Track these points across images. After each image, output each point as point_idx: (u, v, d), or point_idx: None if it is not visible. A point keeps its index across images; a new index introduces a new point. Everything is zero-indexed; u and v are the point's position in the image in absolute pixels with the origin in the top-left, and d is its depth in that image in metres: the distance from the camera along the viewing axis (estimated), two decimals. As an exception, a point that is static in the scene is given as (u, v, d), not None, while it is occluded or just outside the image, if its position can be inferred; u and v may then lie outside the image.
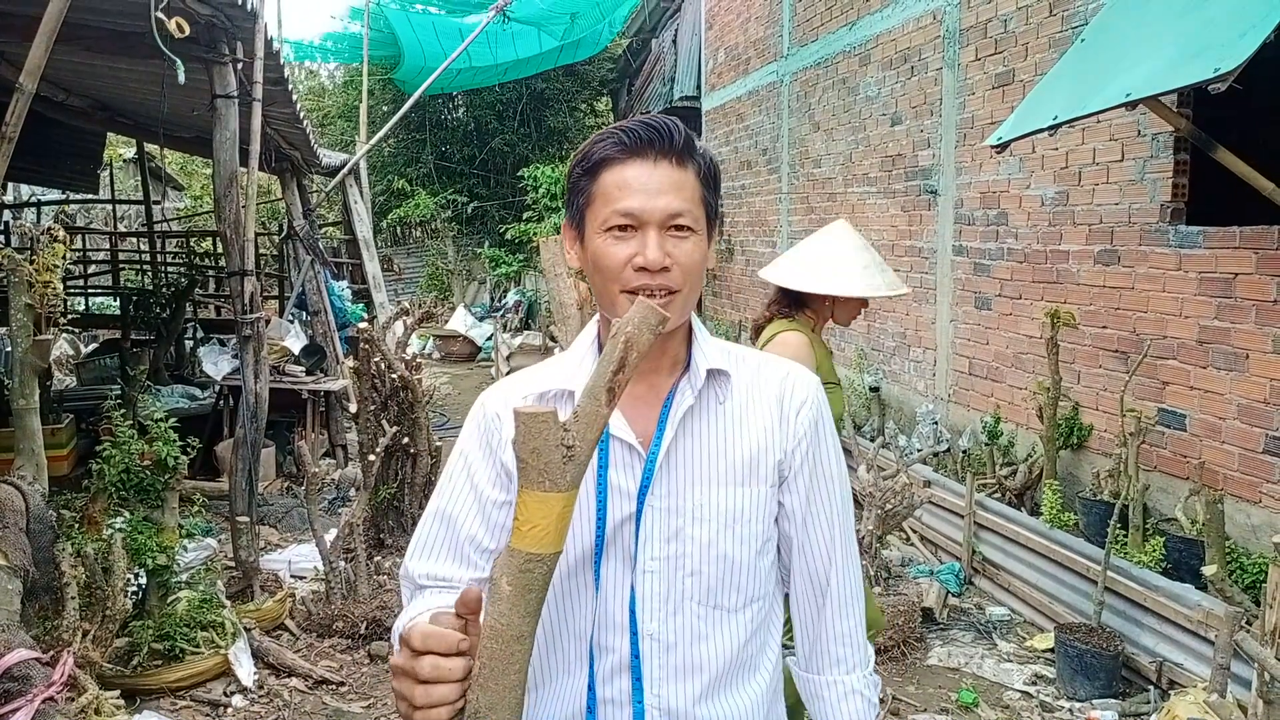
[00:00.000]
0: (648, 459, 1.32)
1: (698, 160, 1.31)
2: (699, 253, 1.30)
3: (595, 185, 1.30)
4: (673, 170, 1.29)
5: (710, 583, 1.33)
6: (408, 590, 1.40)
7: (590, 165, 1.31)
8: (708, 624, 1.34)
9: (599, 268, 1.30)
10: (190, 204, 20.07)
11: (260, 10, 4.56)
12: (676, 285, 1.28)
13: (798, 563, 1.41)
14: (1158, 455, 4.80)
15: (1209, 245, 4.49)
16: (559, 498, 1.03)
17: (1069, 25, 5.43)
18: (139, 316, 8.74)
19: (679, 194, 1.28)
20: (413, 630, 1.03)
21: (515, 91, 18.03)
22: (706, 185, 1.32)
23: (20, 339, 3.45)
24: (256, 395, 4.76)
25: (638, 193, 1.27)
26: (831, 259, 3.07)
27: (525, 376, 1.42)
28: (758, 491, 1.34)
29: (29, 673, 2.48)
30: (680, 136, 1.29)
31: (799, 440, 1.36)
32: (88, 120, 7.10)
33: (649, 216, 1.27)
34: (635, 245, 1.27)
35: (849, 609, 1.43)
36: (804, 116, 9.49)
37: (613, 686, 1.33)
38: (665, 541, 1.32)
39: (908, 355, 7.45)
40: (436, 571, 1.35)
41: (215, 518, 5.85)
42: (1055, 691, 4.05)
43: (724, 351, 1.38)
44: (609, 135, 1.30)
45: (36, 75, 2.91)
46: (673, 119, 1.31)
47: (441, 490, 1.39)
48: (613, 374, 1.05)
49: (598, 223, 1.30)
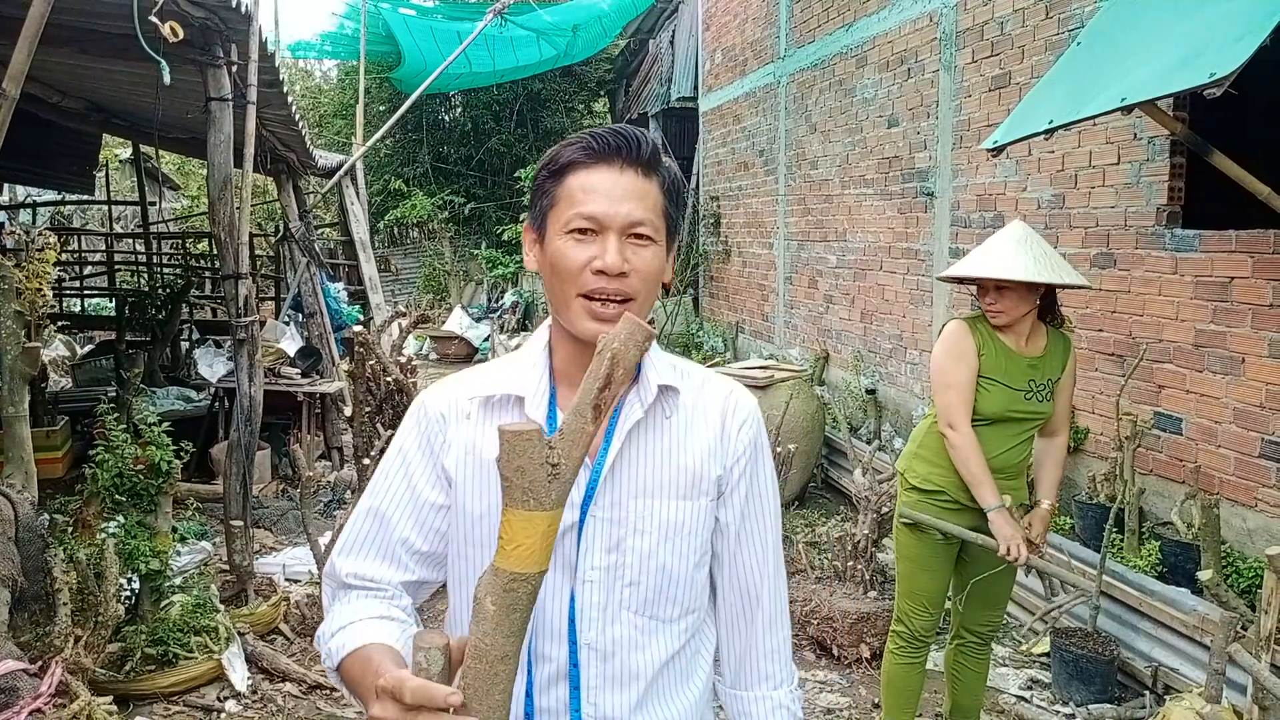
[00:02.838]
0: (593, 470, 1.33)
1: (663, 173, 1.33)
2: (657, 262, 1.32)
3: (560, 188, 1.31)
4: (638, 179, 1.30)
5: (648, 593, 1.35)
6: (330, 588, 1.39)
7: (557, 168, 1.32)
8: (644, 634, 1.36)
9: (557, 269, 1.31)
10: (187, 205, 20.03)
11: (255, 13, 4.54)
12: (633, 292, 1.30)
13: (729, 578, 1.44)
14: (1154, 459, 4.80)
15: (1205, 249, 4.49)
16: (544, 516, 1.02)
17: (1065, 28, 5.42)
18: (135, 318, 8.73)
19: (642, 202, 1.30)
20: (403, 685, 1.02)
21: (512, 92, 18.02)
22: (669, 198, 1.34)
23: (9, 346, 3.43)
24: (251, 398, 4.74)
25: (602, 197, 1.29)
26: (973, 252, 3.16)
27: (470, 377, 1.42)
28: (699, 505, 1.37)
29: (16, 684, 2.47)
30: (648, 147, 1.31)
31: (738, 457, 1.39)
32: (83, 122, 7.08)
33: (611, 221, 1.28)
34: (595, 249, 1.29)
35: (777, 625, 1.47)
36: (801, 118, 9.48)
37: (550, 695, 1.34)
38: (606, 552, 1.33)
39: (904, 357, 7.44)
40: (365, 571, 1.35)
41: (210, 520, 5.83)
42: (1051, 696, 4.04)
43: (672, 366, 1.40)
44: (578, 140, 1.32)
45: (20, 80, 2.89)
46: (642, 130, 1.33)
47: (376, 488, 1.38)
48: (599, 390, 1.04)
49: (559, 224, 1.31)
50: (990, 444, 3.14)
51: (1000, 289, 3.09)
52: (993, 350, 3.13)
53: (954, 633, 3.53)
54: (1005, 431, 3.16)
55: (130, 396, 5.69)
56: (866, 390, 7.76)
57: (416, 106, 12.48)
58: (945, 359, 3.18)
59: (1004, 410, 3.12)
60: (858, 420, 7.85)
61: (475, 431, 1.36)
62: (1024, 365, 3.14)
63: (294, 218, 8.57)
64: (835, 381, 8.60)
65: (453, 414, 1.37)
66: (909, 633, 3.37)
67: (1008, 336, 3.15)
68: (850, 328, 8.45)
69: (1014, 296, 3.08)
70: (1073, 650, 3.95)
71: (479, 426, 1.36)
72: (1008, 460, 3.17)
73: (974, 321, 3.20)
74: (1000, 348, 3.14)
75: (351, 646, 1.25)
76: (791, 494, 6.14)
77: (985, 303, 3.15)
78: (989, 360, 3.12)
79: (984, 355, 3.12)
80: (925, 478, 3.27)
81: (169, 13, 3.74)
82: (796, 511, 5.97)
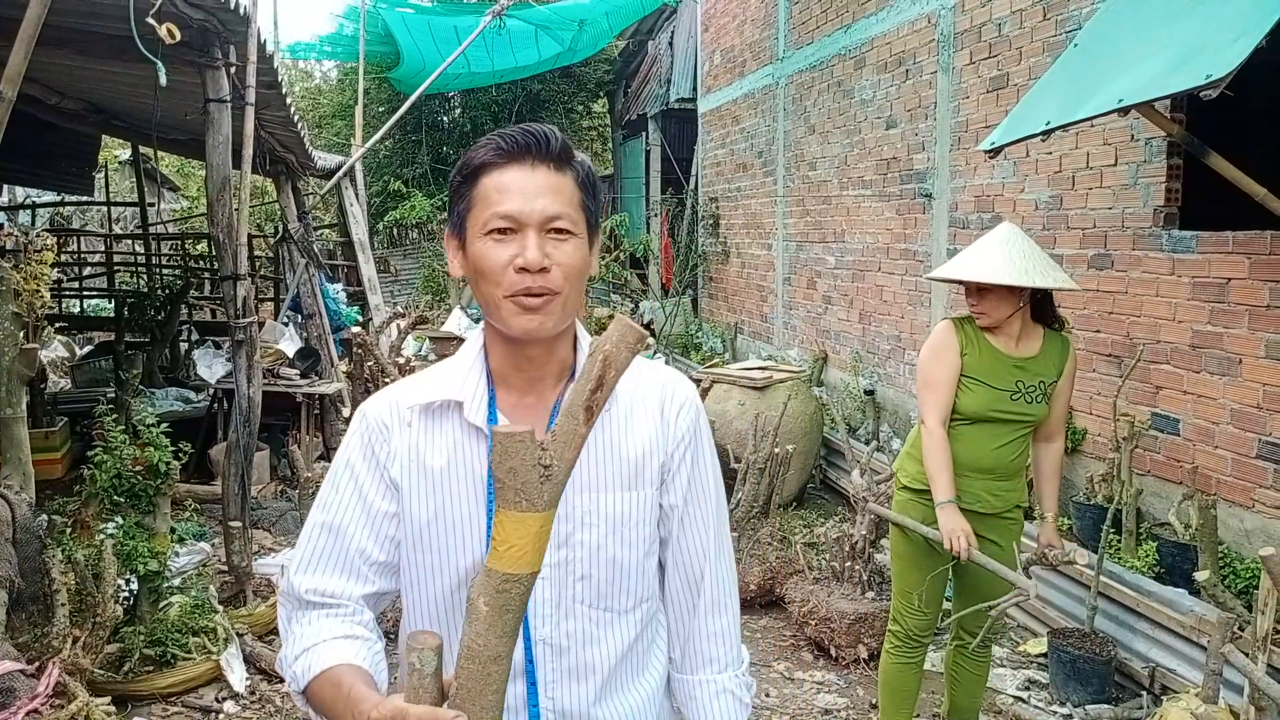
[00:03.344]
0: None
1: (575, 167, 1.34)
2: (579, 255, 1.33)
3: (475, 190, 1.31)
4: (550, 174, 1.31)
5: (601, 586, 1.36)
6: (288, 609, 1.37)
7: (469, 171, 1.32)
8: (599, 626, 1.37)
9: (480, 271, 1.31)
10: (186, 206, 20.03)
11: (253, 14, 4.54)
12: (557, 287, 1.30)
13: (674, 561, 1.46)
14: (1151, 460, 4.80)
15: (1202, 250, 4.49)
16: (536, 518, 1.03)
17: (1063, 30, 5.43)
18: (134, 319, 8.72)
19: (557, 197, 1.30)
20: (405, 714, 1.03)
21: (511, 93, 18.01)
22: (585, 191, 1.35)
23: (7, 347, 3.44)
24: (250, 399, 4.74)
25: (516, 195, 1.29)
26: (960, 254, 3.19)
27: (408, 384, 1.42)
28: (644, 495, 1.39)
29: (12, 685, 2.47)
30: (557, 142, 1.32)
31: (678, 442, 1.41)
32: (82, 123, 7.07)
33: (527, 218, 1.29)
34: (515, 247, 1.29)
35: (722, 607, 1.48)
36: (799, 119, 9.49)
37: (508, 692, 1.35)
38: (555, 548, 1.34)
39: (902, 358, 7.44)
40: (325, 587, 1.34)
41: (208, 521, 5.83)
42: (1048, 697, 4.05)
43: None
44: (488, 142, 1.32)
45: (17, 82, 2.89)
46: (550, 126, 1.33)
47: (326, 503, 1.38)
48: (591, 392, 1.05)
49: (478, 226, 1.31)
50: (975, 443, 3.15)
51: (982, 290, 3.11)
52: (977, 350, 3.14)
53: (953, 634, 3.54)
54: (990, 431, 3.16)
55: (129, 397, 5.70)
56: (865, 391, 7.77)
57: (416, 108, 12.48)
58: (927, 357, 3.23)
59: (985, 410, 3.13)
60: (856, 421, 7.85)
61: (417, 439, 1.36)
62: (1010, 366, 3.15)
63: (293, 219, 8.57)
64: (834, 382, 8.60)
65: (395, 422, 1.37)
66: (903, 632, 3.39)
67: (997, 338, 3.16)
68: (849, 329, 8.45)
69: (994, 298, 3.10)
70: (1070, 651, 3.96)
71: (421, 434, 1.36)
72: (997, 460, 3.17)
73: (961, 322, 3.23)
74: (986, 348, 3.15)
75: (319, 669, 1.24)
76: (790, 494, 6.14)
77: (969, 304, 3.17)
78: (972, 360, 3.14)
79: (967, 355, 3.14)
80: (914, 476, 3.31)
81: (167, 14, 3.74)
82: (795, 512, 5.97)
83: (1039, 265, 3.07)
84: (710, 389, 6.73)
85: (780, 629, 4.73)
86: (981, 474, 3.18)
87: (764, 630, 4.74)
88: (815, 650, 4.47)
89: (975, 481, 3.19)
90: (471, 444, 1.35)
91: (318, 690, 1.24)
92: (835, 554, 4.54)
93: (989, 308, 3.12)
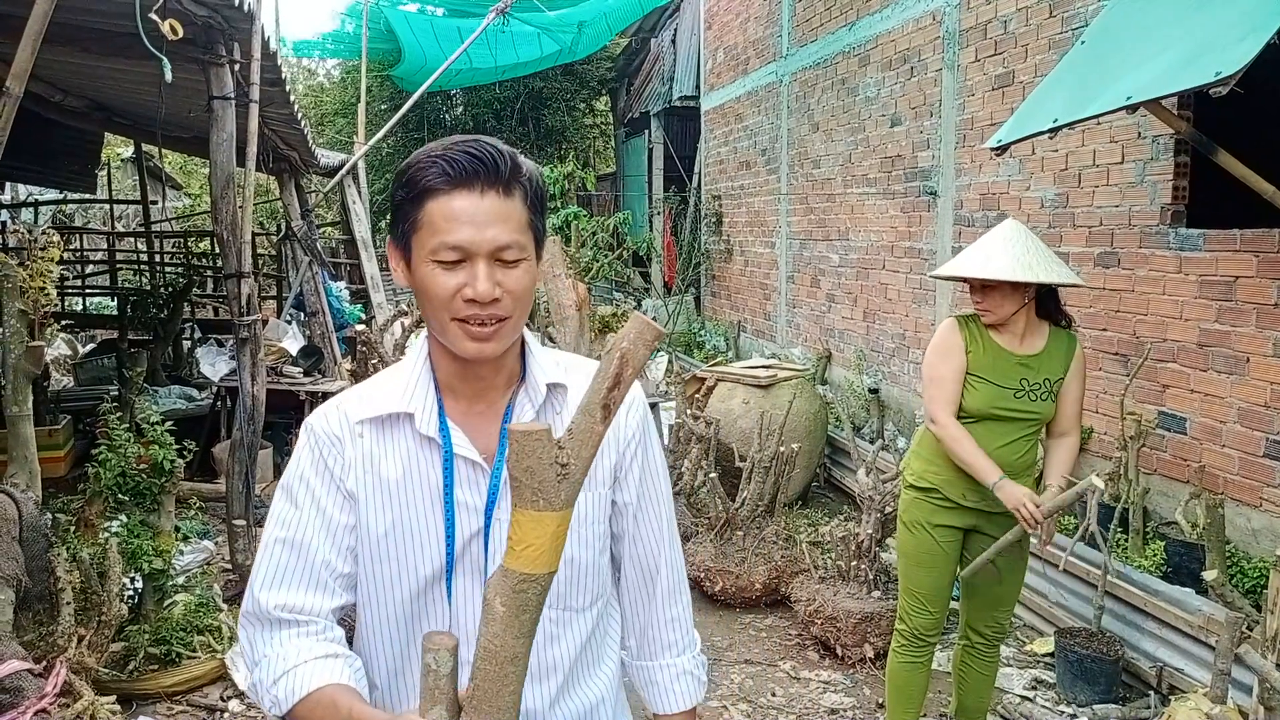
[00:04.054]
0: (492, 474, 1.35)
1: (524, 184, 1.30)
2: (528, 278, 1.31)
3: (421, 213, 1.28)
4: (499, 201, 1.27)
5: (560, 586, 1.37)
6: (251, 629, 1.33)
7: (415, 192, 1.28)
8: (558, 625, 1.40)
9: (428, 296, 1.29)
10: (188, 204, 20.02)
11: (257, 11, 4.54)
12: (506, 313, 1.29)
13: (629, 555, 1.49)
14: (1158, 459, 4.79)
15: (1210, 248, 4.48)
16: (553, 517, 1.02)
17: (1069, 27, 5.41)
18: (137, 317, 8.72)
19: (506, 225, 1.27)
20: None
21: (513, 90, 18.00)
22: (534, 209, 1.32)
23: (13, 345, 3.43)
24: (253, 397, 4.74)
25: (465, 225, 1.25)
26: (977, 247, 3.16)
27: (354, 398, 1.40)
28: (597, 495, 1.41)
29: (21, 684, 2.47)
30: (506, 166, 1.28)
31: (629, 441, 1.43)
32: (85, 120, 7.08)
33: (477, 249, 1.26)
34: (464, 276, 1.27)
35: (677, 594, 1.53)
36: (803, 117, 9.47)
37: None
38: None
39: (907, 356, 7.43)
40: (294, 602, 1.30)
41: (212, 520, 5.83)
42: (1055, 696, 4.04)
43: (556, 363, 1.42)
44: (433, 164, 1.27)
45: (24, 78, 2.89)
46: (496, 145, 1.29)
47: (283, 519, 1.35)
48: (608, 390, 1.04)
49: (425, 251, 1.28)
50: (981, 441, 3.13)
51: (986, 287, 3.10)
52: (981, 347, 3.13)
53: (961, 633, 3.52)
54: (995, 429, 3.15)
55: (133, 395, 5.69)
56: (869, 389, 7.75)
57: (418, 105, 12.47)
58: (932, 354, 3.22)
59: (989, 407, 3.11)
60: (860, 419, 7.84)
61: (371, 450, 1.35)
62: (1014, 363, 3.13)
63: (296, 216, 8.57)
64: (838, 381, 8.59)
65: (346, 435, 1.36)
66: (910, 631, 3.37)
67: (1001, 335, 3.15)
68: (853, 327, 8.44)
69: (998, 295, 3.08)
70: (1077, 650, 3.95)
71: (374, 445, 1.36)
72: (1003, 458, 3.15)
73: (966, 319, 3.21)
74: (990, 345, 3.13)
75: (305, 690, 1.22)
76: (794, 493, 6.13)
77: (974, 301, 3.16)
78: (977, 357, 3.12)
79: (972, 353, 3.12)
80: (920, 475, 3.29)
81: (171, 11, 3.73)
82: (799, 511, 5.96)
83: (1043, 261, 3.05)
84: (715, 387, 6.72)
85: (786, 628, 4.72)
86: None
87: (769, 629, 4.73)
88: (821, 649, 4.46)
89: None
90: (425, 454, 1.35)
91: (306, 713, 1.21)
92: (841, 553, 4.52)
93: (993, 305, 3.10)
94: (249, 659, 1.32)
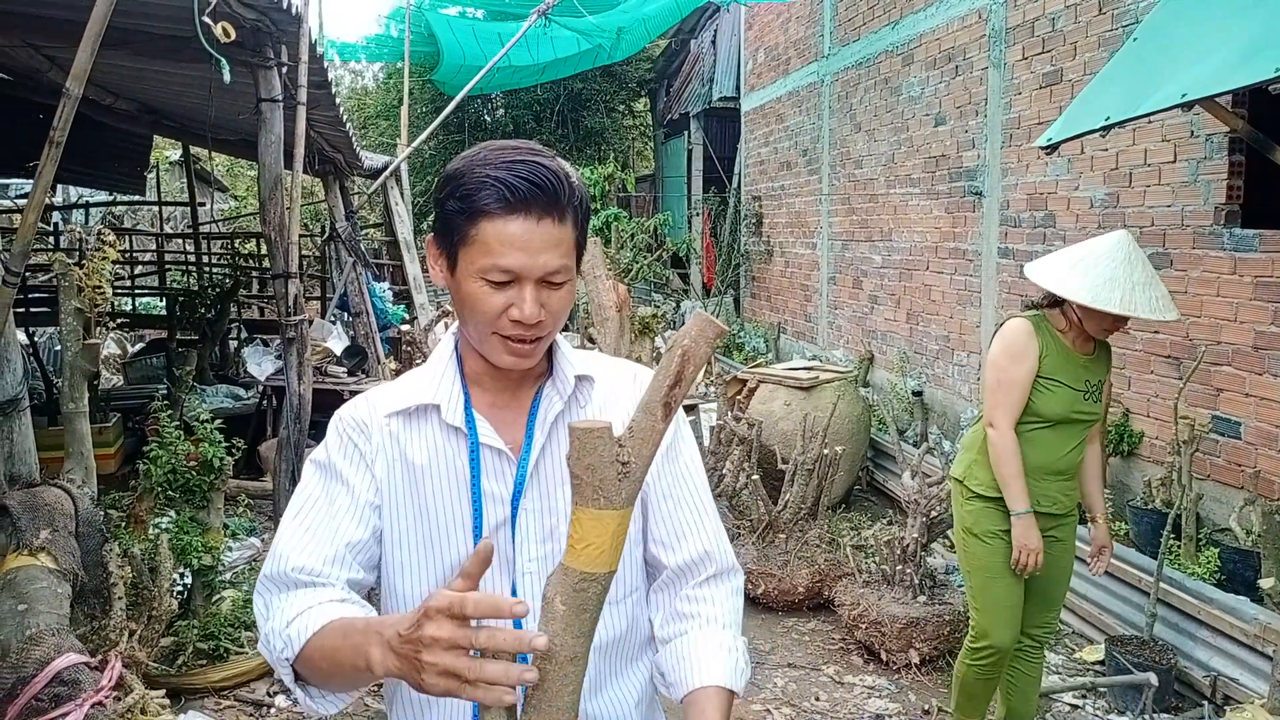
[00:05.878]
0: (519, 465, 1.35)
1: (575, 206, 1.30)
2: (570, 295, 1.33)
3: (474, 230, 1.27)
4: (554, 227, 1.27)
5: None
6: (268, 593, 1.31)
7: (470, 210, 1.26)
8: None
9: (472, 309, 1.30)
10: (234, 206, 20.31)
11: (304, 14, 4.58)
12: (547, 331, 1.32)
13: (668, 545, 1.44)
14: (1211, 464, 4.69)
15: (1265, 249, 4.38)
16: (614, 515, 1.01)
17: (1119, 24, 5.32)
18: (185, 317, 8.84)
19: (557, 250, 1.28)
20: (464, 599, 0.98)
21: (553, 92, 18.07)
22: (580, 228, 1.33)
23: (70, 342, 3.49)
24: (300, 396, 4.79)
25: (518, 251, 1.26)
26: (1085, 263, 2.98)
27: (381, 394, 1.41)
28: None
29: (78, 677, 2.51)
30: (565, 194, 1.27)
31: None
32: (135, 123, 7.19)
33: (528, 274, 1.27)
34: (511, 296, 1.28)
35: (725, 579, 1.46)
36: (845, 117, 9.41)
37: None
38: (541, 542, 1.35)
39: (951, 359, 7.35)
40: (313, 565, 1.29)
41: (259, 517, 5.90)
42: (1105, 705, 3.96)
43: (583, 358, 1.43)
44: (492, 186, 1.25)
45: (83, 79, 2.94)
46: (552, 167, 1.27)
47: (308, 495, 1.35)
48: (669, 388, 1.03)
49: (474, 268, 1.28)
50: (1054, 447, 3.08)
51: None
52: (1054, 352, 3.07)
53: None
54: (1067, 433, 3.10)
55: (183, 394, 5.78)
56: (913, 392, 7.68)
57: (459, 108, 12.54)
58: (1003, 357, 3.10)
59: (1068, 411, 3.06)
60: (903, 423, 7.77)
61: (401, 438, 1.36)
62: (1079, 365, 3.09)
63: (340, 218, 8.66)
64: (880, 383, 8.51)
65: (374, 424, 1.37)
66: (993, 648, 3.23)
67: (1066, 336, 3.10)
68: (896, 329, 8.36)
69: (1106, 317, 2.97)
70: (1128, 658, 3.87)
71: (401, 435, 1.37)
72: (1070, 462, 3.12)
73: (1038, 321, 3.11)
74: (1062, 349, 3.08)
75: (316, 626, 1.19)
76: (837, 496, 6.08)
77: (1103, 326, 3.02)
78: (1050, 361, 3.06)
79: (1046, 358, 3.05)
80: (988, 484, 3.17)
81: (221, 14, 3.78)
82: (842, 514, 5.92)
83: (1162, 293, 2.95)
84: (756, 389, 6.69)
85: (829, 632, 4.68)
86: (1056, 476, 3.12)
87: (813, 633, 4.70)
88: (865, 654, 4.41)
89: (1051, 484, 3.12)
90: (452, 444, 1.36)
91: (316, 645, 1.19)
92: (886, 557, 4.48)
93: (1094, 326, 3.03)
94: (263, 618, 1.30)
